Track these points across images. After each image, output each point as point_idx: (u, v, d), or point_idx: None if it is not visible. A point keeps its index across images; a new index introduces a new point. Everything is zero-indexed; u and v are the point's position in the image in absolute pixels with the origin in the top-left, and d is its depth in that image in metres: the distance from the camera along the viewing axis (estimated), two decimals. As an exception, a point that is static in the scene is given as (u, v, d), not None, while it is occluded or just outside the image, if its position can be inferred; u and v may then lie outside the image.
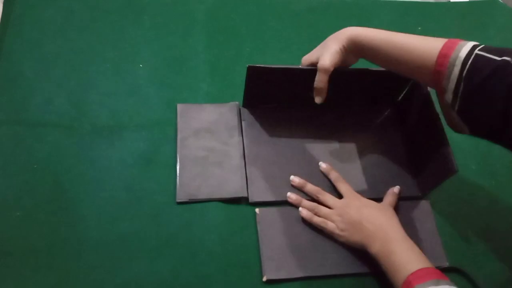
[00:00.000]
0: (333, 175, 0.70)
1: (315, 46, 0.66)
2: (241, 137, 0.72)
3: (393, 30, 0.60)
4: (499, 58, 0.50)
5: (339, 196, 0.68)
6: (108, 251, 0.61)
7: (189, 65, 0.80)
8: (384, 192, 0.69)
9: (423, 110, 0.71)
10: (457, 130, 0.59)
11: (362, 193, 0.68)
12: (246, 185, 0.67)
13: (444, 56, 0.54)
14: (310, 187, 0.68)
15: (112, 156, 0.68)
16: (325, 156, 0.72)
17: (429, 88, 0.69)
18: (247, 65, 0.66)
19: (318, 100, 0.65)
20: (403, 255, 0.57)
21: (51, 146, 0.67)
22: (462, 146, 0.77)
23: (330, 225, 0.64)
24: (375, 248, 0.60)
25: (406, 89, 0.75)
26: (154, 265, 0.60)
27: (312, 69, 0.68)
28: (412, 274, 0.54)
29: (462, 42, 0.55)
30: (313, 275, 0.62)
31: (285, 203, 0.67)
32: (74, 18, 0.81)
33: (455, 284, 0.53)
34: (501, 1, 1.04)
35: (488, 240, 0.69)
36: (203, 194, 0.66)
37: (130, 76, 0.77)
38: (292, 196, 0.67)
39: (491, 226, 0.71)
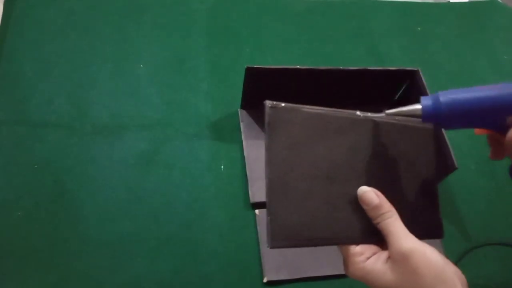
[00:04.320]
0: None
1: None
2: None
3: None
4: None
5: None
6: (108, 251, 0.61)
7: (189, 65, 0.80)
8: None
9: None
10: None
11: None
12: None
13: None
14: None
15: (112, 156, 0.68)
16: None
17: (426, 86, 0.69)
18: (245, 66, 0.66)
19: None
20: None
21: (52, 146, 0.67)
22: (462, 146, 0.78)
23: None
24: None
25: (403, 88, 0.75)
26: (155, 265, 0.61)
27: (312, 69, 0.68)
28: None
29: None
30: (313, 276, 0.62)
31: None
32: (75, 18, 0.82)
33: None
34: (501, 1, 1.04)
35: (488, 240, 0.69)
36: None
37: (131, 76, 0.77)
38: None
39: (491, 226, 0.71)
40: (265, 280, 0.61)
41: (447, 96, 0.41)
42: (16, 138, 0.67)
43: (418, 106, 0.42)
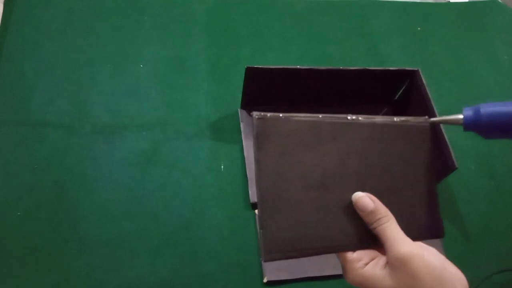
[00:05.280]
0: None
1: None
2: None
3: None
4: None
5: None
6: (108, 251, 0.61)
7: (190, 65, 0.80)
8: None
9: (420, 108, 0.71)
10: None
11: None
12: None
13: None
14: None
15: (112, 156, 0.68)
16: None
17: (426, 86, 0.69)
18: (245, 66, 0.66)
19: None
20: None
21: (52, 146, 0.67)
22: (462, 146, 0.78)
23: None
24: None
25: (403, 88, 0.75)
26: (155, 265, 0.61)
27: (312, 69, 0.68)
28: None
29: None
30: (313, 276, 0.62)
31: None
32: (75, 18, 0.81)
33: None
34: (501, 1, 1.04)
35: (488, 240, 0.69)
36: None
37: (131, 76, 0.77)
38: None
39: (491, 226, 0.71)
40: (265, 280, 0.61)
41: (487, 108, 0.44)
42: (16, 138, 0.67)
43: (460, 116, 0.45)
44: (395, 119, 0.46)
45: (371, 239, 0.42)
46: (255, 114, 0.42)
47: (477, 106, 0.44)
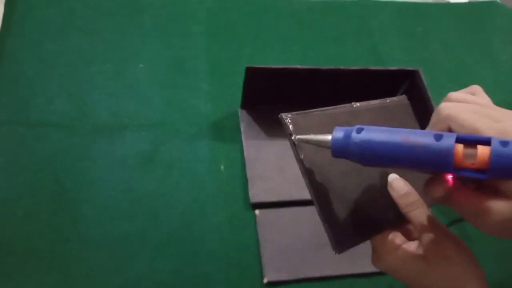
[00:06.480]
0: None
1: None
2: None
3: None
4: None
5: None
6: (109, 251, 0.61)
7: (189, 65, 0.80)
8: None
9: (420, 108, 0.71)
10: None
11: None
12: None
13: None
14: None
15: (112, 156, 0.68)
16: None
17: (426, 86, 0.69)
18: (246, 66, 0.66)
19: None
20: None
21: (52, 146, 0.67)
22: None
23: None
24: None
25: (403, 88, 0.75)
26: (155, 265, 0.61)
27: (312, 69, 0.68)
28: None
29: None
30: (313, 276, 0.62)
31: (286, 204, 0.67)
32: (75, 18, 0.82)
33: None
34: (500, 1, 1.04)
35: (488, 240, 0.69)
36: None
37: (131, 76, 0.77)
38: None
39: (491, 226, 0.71)
40: (265, 280, 0.61)
41: (361, 135, 0.35)
42: (17, 138, 0.67)
43: (328, 137, 0.38)
44: (388, 100, 0.51)
45: (403, 222, 0.43)
46: (284, 115, 0.43)
47: (351, 128, 0.36)
